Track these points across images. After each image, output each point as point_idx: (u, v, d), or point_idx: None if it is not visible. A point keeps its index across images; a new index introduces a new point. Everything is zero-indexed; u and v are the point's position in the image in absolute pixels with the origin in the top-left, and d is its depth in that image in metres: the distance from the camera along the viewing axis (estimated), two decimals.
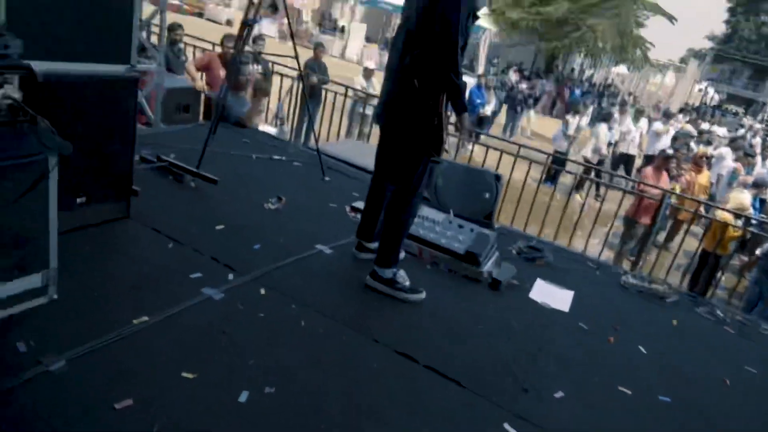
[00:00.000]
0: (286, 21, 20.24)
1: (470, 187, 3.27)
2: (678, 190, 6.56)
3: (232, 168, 3.63)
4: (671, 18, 20.44)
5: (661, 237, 7.45)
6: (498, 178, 3.27)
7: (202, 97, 5.36)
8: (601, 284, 3.39)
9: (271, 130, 5.67)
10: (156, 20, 4.10)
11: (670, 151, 7.00)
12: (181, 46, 6.48)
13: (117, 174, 2.45)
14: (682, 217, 7.07)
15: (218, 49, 6.00)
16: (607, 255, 6.76)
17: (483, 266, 2.90)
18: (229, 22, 21.84)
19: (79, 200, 2.29)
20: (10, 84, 1.64)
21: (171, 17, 6.64)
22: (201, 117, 5.19)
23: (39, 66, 1.86)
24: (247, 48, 4.47)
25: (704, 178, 7.80)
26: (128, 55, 2.33)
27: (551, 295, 2.97)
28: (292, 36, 3.81)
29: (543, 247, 3.50)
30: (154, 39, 5.13)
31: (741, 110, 37.05)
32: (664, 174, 6.76)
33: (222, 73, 5.63)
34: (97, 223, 2.39)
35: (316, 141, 4.26)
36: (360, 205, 3.41)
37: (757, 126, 22.94)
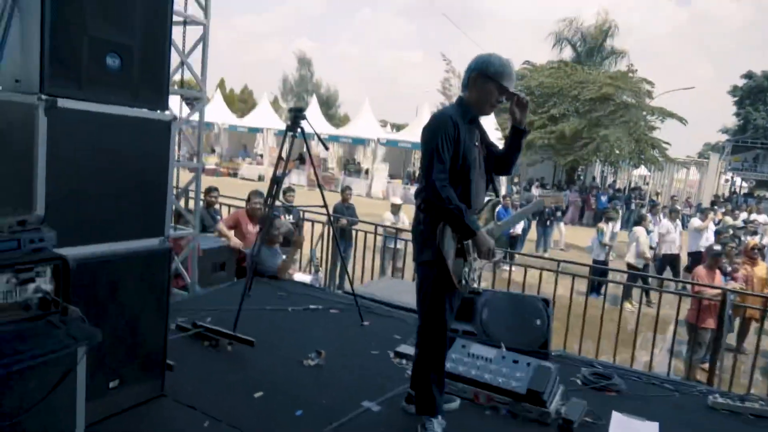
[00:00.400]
0: (313, 170, 21.21)
1: (518, 315, 3.07)
2: (737, 287, 6.14)
3: (269, 324, 3.53)
4: (681, 119, 20.98)
5: (732, 339, 6.83)
6: (547, 302, 3.08)
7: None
8: (686, 409, 2.98)
9: (306, 278, 5.66)
10: (192, 186, 4.33)
11: (718, 247, 6.66)
12: (217, 207, 6.80)
13: (151, 350, 2.36)
14: (750, 314, 6.54)
15: (246, 205, 6.24)
16: (675, 365, 6.19)
17: (549, 405, 2.59)
18: (261, 178, 23.36)
19: (111, 384, 2.19)
20: (43, 276, 1.63)
21: (207, 180, 7.12)
22: (235, 274, 5.25)
23: (74, 251, 1.89)
24: (277, 202, 4.64)
25: (762, 269, 7.34)
26: (162, 227, 2.37)
27: (634, 431, 2.60)
28: (319, 185, 3.94)
29: (611, 372, 3.17)
30: (191, 203, 5.41)
31: None
32: (717, 272, 6.39)
33: (250, 228, 5.80)
34: (131, 406, 2.26)
35: (351, 284, 4.19)
36: (403, 349, 3.21)
37: None
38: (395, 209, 8.65)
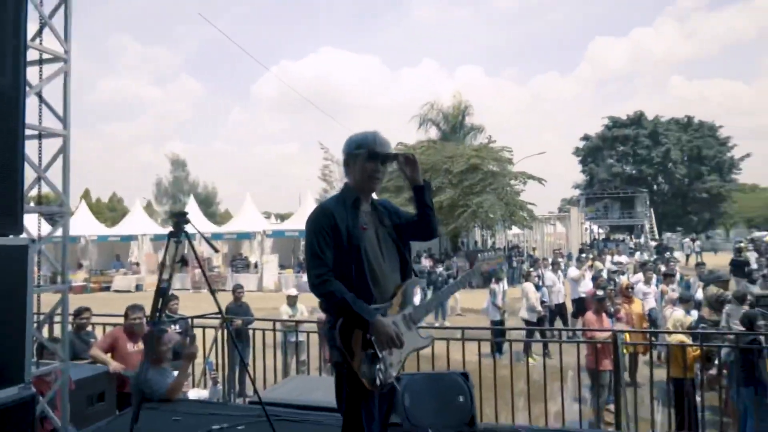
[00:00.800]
0: (198, 271, 20.14)
1: (440, 395, 2.97)
2: (625, 327, 6.63)
3: None
4: (540, 180, 23.31)
5: (626, 376, 7.28)
6: (466, 376, 3.02)
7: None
8: None
9: (203, 393, 5.11)
10: (59, 309, 3.77)
11: (601, 293, 7.21)
12: (90, 329, 6.04)
13: None
14: (636, 349, 7.05)
15: (124, 322, 5.60)
16: (584, 411, 6.39)
17: None
18: (138, 288, 21.51)
19: None
20: None
21: (76, 300, 6.31)
22: (116, 405, 4.59)
23: None
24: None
25: (637, 306, 8.05)
26: (21, 372, 1.98)
27: None
28: (211, 289, 3.64)
29: None
30: (57, 330, 4.71)
31: (626, 236, 41.12)
32: (604, 315, 6.86)
33: (131, 347, 5.18)
34: None
35: (255, 391, 3.82)
36: None
37: (651, 244, 25.20)
38: (291, 301, 8.35)
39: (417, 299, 2.46)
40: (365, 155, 2.30)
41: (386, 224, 2.42)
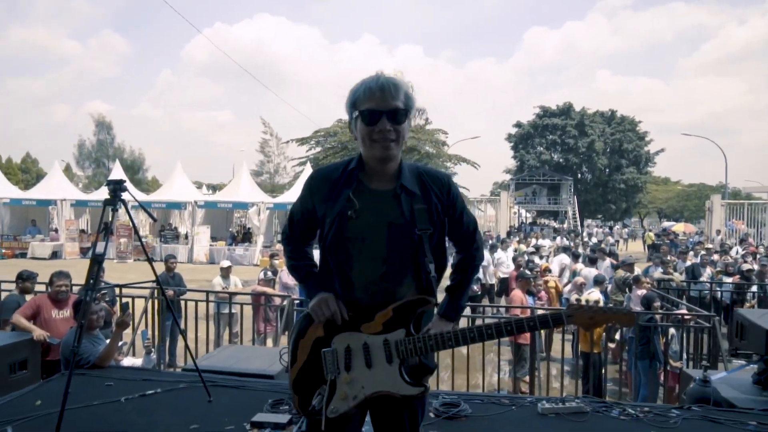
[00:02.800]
0: (123, 240, 19.40)
1: None
2: (544, 305, 7.16)
3: (103, 422, 3.09)
4: (474, 164, 24.08)
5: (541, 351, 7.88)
6: None
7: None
8: (523, 420, 3.36)
9: (137, 361, 5.08)
10: None
11: (528, 272, 7.70)
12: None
13: None
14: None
15: (47, 288, 5.45)
16: (505, 382, 6.92)
17: None
18: (56, 254, 20.40)
19: None
20: None
21: None
22: (42, 372, 4.50)
23: None
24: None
25: (553, 282, 8.70)
26: None
27: None
28: (146, 253, 3.64)
29: (456, 399, 3.43)
30: None
31: (550, 221, 43.39)
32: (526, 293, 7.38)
33: (55, 314, 5.09)
34: None
35: (192, 357, 3.89)
36: (260, 417, 3.08)
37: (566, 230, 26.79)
38: (225, 272, 8.31)
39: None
40: (356, 115, 1.74)
41: (413, 207, 1.76)
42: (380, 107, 1.68)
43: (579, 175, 46.69)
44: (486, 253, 11.28)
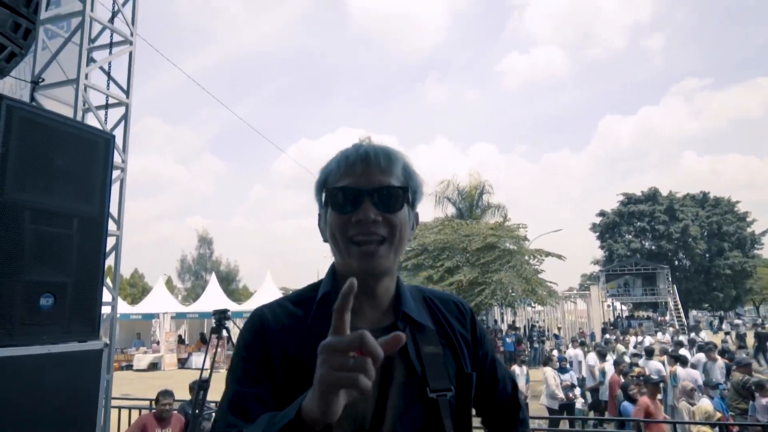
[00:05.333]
0: (219, 350, 19.91)
1: None
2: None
3: None
4: (560, 256, 23.35)
5: None
6: None
7: None
8: None
9: None
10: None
11: (655, 377, 7.07)
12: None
13: None
14: None
15: (154, 407, 5.79)
16: None
17: None
18: (155, 366, 21.48)
19: None
20: None
21: None
22: None
23: None
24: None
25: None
26: None
27: None
28: None
29: None
30: None
31: (650, 313, 40.20)
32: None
33: None
34: None
35: None
36: None
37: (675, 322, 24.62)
38: None
39: None
40: (325, 202, 1.11)
41: (422, 352, 1.09)
42: (360, 184, 1.05)
43: (676, 263, 43.71)
44: (592, 355, 10.56)
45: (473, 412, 1.17)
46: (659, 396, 7.21)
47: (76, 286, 2.24)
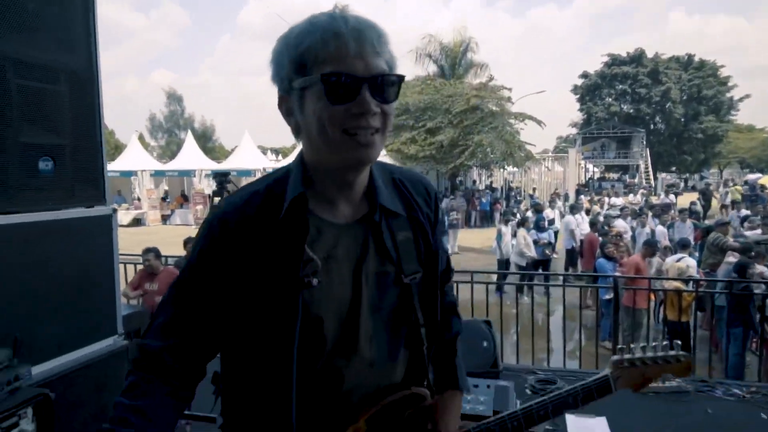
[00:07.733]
0: (199, 207, 20.04)
1: (466, 341, 3.27)
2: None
3: None
4: (539, 122, 23.22)
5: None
6: (489, 323, 3.32)
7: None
8: (619, 395, 3.37)
9: None
10: None
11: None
12: None
13: None
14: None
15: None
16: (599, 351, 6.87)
17: None
18: (137, 222, 21.75)
19: None
20: (25, 417, 1.49)
21: None
22: None
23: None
24: None
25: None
26: (115, 326, 2.23)
27: (588, 428, 2.90)
28: None
29: (553, 376, 3.48)
30: None
31: (620, 175, 41.53)
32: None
33: (148, 286, 5.78)
34: None
35: None
36: None
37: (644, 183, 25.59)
38: None
39: None
40: (308, 86, 0.94)
41: (397, 240, 1.07)
42: (357, 70, 0.92)
43: (652, 127, 44.10)
44: (570, 216, 11.11)
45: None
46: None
47: (75, 148, 2.04)
